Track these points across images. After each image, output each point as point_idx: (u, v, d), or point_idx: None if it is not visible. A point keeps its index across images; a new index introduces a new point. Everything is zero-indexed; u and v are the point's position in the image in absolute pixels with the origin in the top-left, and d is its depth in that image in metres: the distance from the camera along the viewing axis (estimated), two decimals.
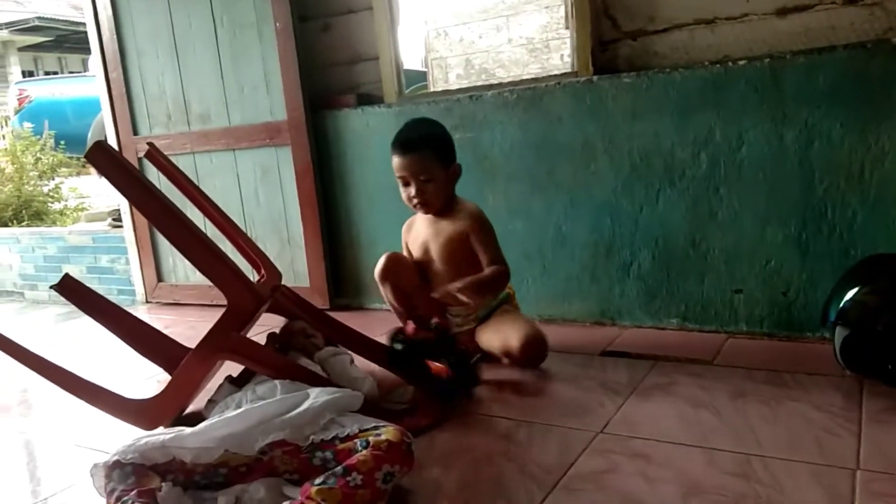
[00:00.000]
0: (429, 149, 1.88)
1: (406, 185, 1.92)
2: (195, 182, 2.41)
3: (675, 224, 2.04)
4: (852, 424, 1.41)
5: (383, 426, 1.31)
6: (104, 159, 1.51)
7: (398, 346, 1.73)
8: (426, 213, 1.97)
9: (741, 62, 1.89)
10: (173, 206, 1.58)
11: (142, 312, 3.08)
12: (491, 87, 2.33)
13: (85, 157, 1.54)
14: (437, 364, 1.71)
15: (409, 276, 2.00)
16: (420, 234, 2.01)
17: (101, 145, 1.53)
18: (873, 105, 1.76)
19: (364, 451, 1.23)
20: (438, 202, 1.92)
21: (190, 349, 1.61)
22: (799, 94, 1.83)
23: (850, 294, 1.57)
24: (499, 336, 1.89)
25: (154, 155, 1.90)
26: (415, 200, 1.92)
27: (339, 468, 1.20)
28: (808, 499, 1.16)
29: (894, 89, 1.73)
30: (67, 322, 3.07)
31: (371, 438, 1.26)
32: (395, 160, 1.91)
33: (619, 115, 2.05)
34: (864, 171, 1.79)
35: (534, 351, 1.84)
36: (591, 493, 1.25)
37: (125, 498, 1.19)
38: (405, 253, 2.08)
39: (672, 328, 2.10)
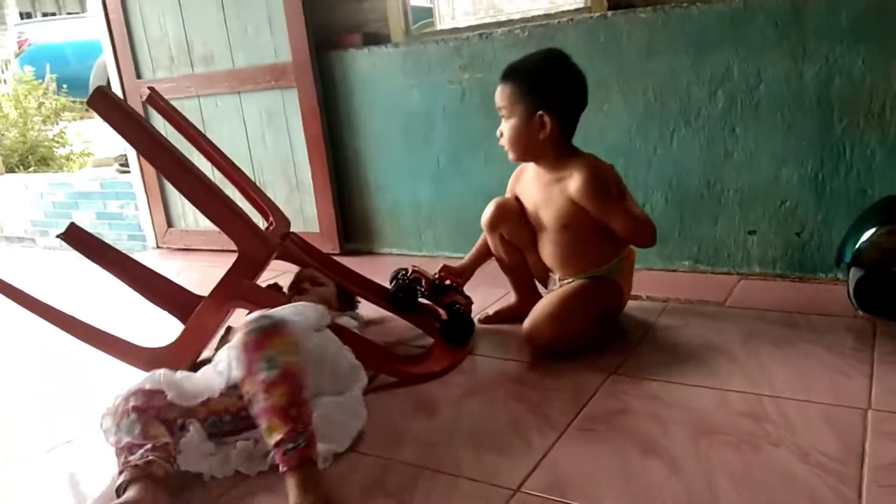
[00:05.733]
0: (517, 81, 1.58)
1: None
2: (201, 126, 2.39)
3: (689, 165, 2.01)
4: (864, 365, 1.42)
5: None
6: (106, 105, 1.49)
7: (393, 286, 1.74)
8: (511, 159, 1.67)
9: None
10: (180, 153, 1.56)
11: (153, 258, 3.10)
12: (501, 24, 2.27)
13: (87, 103, 1.52)
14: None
15: (519, 228, 1.73)
16: (530, 193, 1.70)
17: (102, 91, 1.50)
18: None
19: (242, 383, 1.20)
20: (514, 150, 1.62)
21: (200, 297, 1.62)
22: (820, 30, 1.77)
23: (866, 235, 1.55)
24: (543, 302, 1.66)
25: (155, 100, 1.87)
26: (499, 140, 1.66)
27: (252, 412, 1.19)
28: (820, 439, 1.17)
29: None
30: (80, 269, 3.09)
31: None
32: None
33: (634, 53, 2.00)
34: (884, 109, 1.74)
35: (532, 343, 1.62)
36: (603, 433, 1.27)
37: (138, 452, 1.15)
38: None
39: (684, 270, 2.10)
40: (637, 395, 1.40)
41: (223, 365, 1.25)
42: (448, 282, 1.76)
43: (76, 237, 1.63)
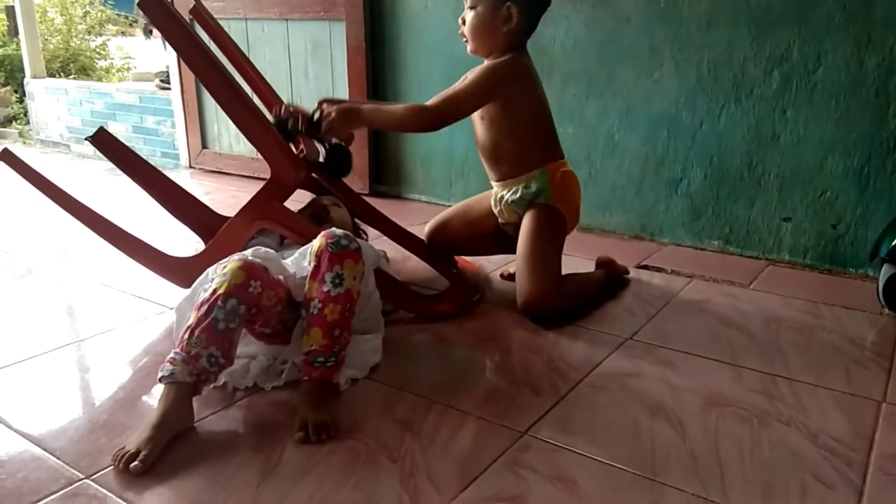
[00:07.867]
0: None
1: None
2: (245, 50, 2.38)
3: (733, 143, 1.97)
4: (883, 360, 1.41)
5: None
6: (157, 9, 1.48)
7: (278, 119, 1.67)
8: (469, 50, 1.65)
9: None
10: (224, 68, 1.56)
11: (185, 177, 3.13)
12: None
13: (138, 5, 1.51)
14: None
15: (458, 235, 1.83)
16: None
17: None
18: None
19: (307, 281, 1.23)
20: (474, 39, 1.61)
21: (223, 217, 1.64)
22: (889, 19, 1.72)
23: None
24: (517, 274, 1.65)
25: (200, 13, 1.86)
26: (460, 28, 1.63)
27: (302, 311, 1.22)
28: (831, 422, 1.18)
29: None
30: (112, 178, 3.13)
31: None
32: None
33: (693, 22, 1.95)
34: None
35: (533, 314, 1.60)
36: (614, 392, 1.28)
37: (206, 354, 1.11)
38: None
39: (712, 250, 2.08)
40: (651, 360, 1.40)
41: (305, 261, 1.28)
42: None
43: (104, 142, 1.59)
